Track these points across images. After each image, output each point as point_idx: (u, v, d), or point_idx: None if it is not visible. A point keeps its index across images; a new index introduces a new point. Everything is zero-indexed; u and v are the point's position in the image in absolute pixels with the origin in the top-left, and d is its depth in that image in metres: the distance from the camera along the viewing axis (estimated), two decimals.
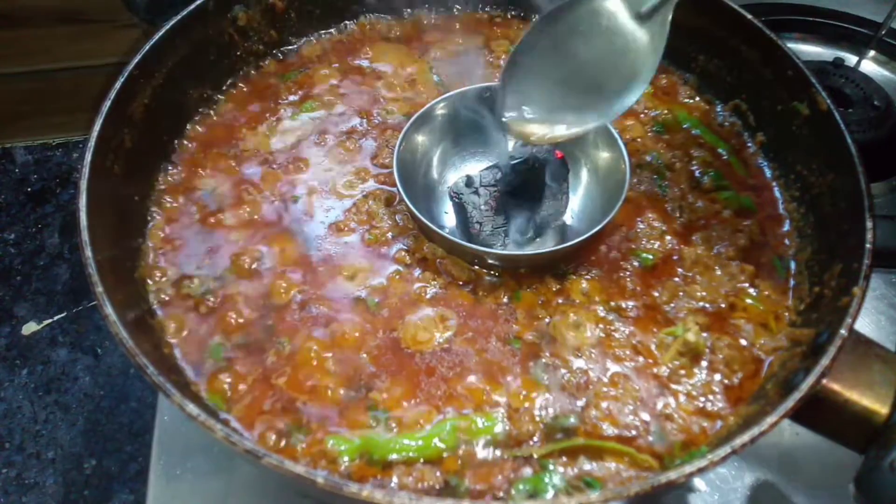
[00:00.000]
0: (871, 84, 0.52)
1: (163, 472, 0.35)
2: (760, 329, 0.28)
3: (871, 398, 0.23)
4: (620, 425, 0.25)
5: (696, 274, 0.30)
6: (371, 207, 0.32)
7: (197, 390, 0.28)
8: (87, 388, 0.54)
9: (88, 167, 0.28)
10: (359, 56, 0.38)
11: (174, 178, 0.33)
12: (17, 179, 0.66)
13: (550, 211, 0.31)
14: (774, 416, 0.23)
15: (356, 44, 0.39)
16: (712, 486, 0.30)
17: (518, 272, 0.30)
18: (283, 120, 0.36)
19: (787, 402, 0.23)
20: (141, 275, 0.30)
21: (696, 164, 0.34)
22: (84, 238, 0.27)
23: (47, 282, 0.60)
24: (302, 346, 0.28)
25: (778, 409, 0.23)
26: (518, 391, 0.27)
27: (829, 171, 0.31)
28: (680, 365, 0.26)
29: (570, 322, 0.28)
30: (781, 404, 0.23)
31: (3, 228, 0.63)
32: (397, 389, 0.27)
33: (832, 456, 0.24)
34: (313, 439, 0.26)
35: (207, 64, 0.35)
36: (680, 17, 0.28)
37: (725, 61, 0.36)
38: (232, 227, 0.31)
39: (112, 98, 0.30)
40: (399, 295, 0.29)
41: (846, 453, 0.23)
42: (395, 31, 0.39)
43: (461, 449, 0.25)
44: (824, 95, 0.32)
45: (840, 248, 0.28)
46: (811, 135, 0.32)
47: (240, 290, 0.30)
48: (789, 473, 0.31)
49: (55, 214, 0.64)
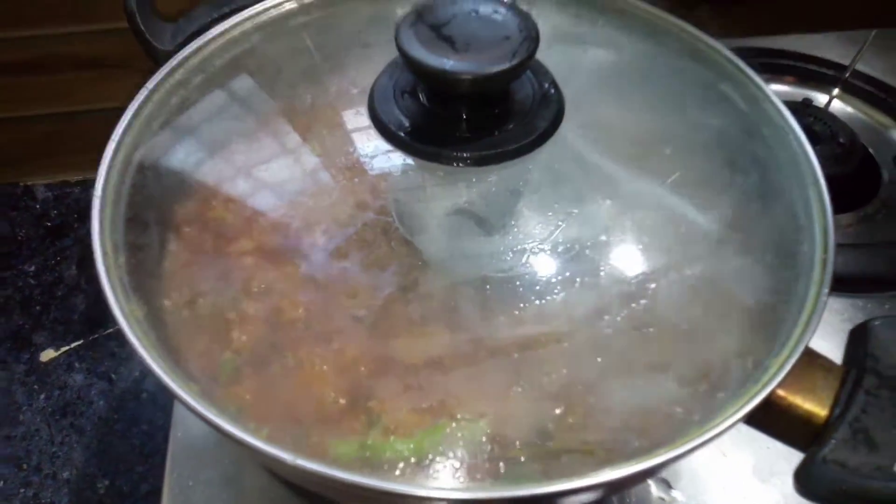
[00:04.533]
0: (837, 122, 0.56)
1: (176, 483, 0.37)
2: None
3: (812, 402, 0.26)
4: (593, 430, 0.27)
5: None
6: (370, 234, 0.35)
7: (212, 403, 0.30)
8: (101, 412, 0.56)
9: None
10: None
11: (188, 207, 0.37)
12: (38, 215, 0.69)
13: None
14: (731, 421, 0.25)
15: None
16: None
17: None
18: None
19: (743, 408, 0.26)
20: (158, 296, 0.33)
21: None
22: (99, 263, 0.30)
23: (65, 311, 0.62)
24: (306, 361, 0.31)
25: (735, 414, 0.26)
26: (506, 399, 0.29)
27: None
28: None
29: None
30: (738, 409, 0.26)
31: (24, 261, 0.66)
32: (393, 399, 0.30)
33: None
34: (317, 444, 0.29)
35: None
36: None
37: None
38: (243, 253, 0.34)
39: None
40: (396, 313, 0.32)
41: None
42: None
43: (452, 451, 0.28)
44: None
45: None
46: None
47: (249, 310, 0.33)
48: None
49: (73, 248, 0.67)
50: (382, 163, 0.32)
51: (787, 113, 0.35)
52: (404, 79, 0.31)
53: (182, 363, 0.30)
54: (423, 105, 0.31)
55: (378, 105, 0.32)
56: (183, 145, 0.35)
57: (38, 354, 0.59)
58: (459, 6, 0.28)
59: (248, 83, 0.37)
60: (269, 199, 0.37)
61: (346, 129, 0.34)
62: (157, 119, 0.35)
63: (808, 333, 0.27)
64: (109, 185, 0.32)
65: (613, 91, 0.35)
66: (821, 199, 0.32)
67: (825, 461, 0.24)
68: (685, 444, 0.24)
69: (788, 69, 0.61)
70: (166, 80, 0.36)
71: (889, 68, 0.61)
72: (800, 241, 0.31)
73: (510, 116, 0.30)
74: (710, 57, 0.37)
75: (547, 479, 0.24)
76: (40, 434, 0.55)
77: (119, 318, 0.28)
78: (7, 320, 0.62)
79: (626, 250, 0.30)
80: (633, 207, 0.30)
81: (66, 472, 0.53)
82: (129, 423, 0.56)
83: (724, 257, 0.31)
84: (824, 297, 0.28)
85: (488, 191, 0.30)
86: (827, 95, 0.59)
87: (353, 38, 0.38)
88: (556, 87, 0.32)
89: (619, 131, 0.33)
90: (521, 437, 0.26)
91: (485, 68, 0.27)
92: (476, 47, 0.27)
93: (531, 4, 0.38)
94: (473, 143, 0.30)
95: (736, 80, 0.36)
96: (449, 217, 0.31)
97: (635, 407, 0.26)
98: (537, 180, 0.31)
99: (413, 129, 0.31)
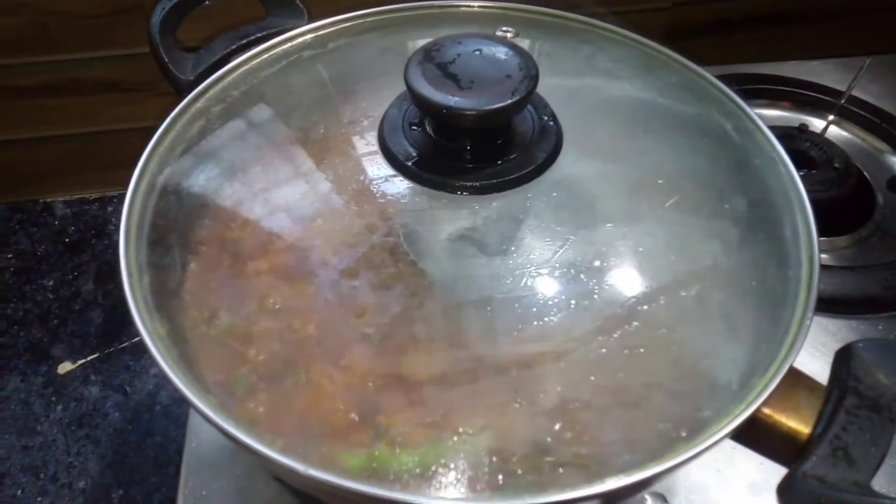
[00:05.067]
0: (832, 147, 0.57)
1: (191, 493, 0.39)
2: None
3: (796, 420, 0.27)
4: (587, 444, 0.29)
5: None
6: (378, 256, 0.37)
7: (229, 416, 0.32)
8: (116, 424, 0.58)
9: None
10: None
11: (207, 229, 0.39)
12: (56, 231, 0.71)
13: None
14: (717, 437, 0.27)
15: None
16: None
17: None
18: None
19: (729, 425, 0.27)
20: (179, 314, 0.35)
21: None
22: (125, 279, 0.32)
23: (82, 325, 0.64)
24: (316, 377, 0.33)
25: (721, 430, 0.27)
26: (506, 414, 0.31)
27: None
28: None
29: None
30: (724, 426, 0.27)
31: (43, 276, 0.68)
32: (399, 414, 0.31)
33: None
34: (327, 455, 0.30)
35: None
36: None
37: None
38: (259, 273, 0.36)
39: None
40: (402, 332, 0.34)
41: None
42: None
43: (454, 463, 0.29)
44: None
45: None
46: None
47: (264, 328, 0.34)
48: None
49: (91, 263, 0.69)
50: (391, 189, 0.34)
51: (777, 143, 0.36)
52: (412, 111, 0.33)
53: (201, 377, 0.31)
54: (429, 136, 0.33)
55: (387, 135, 0.34)
56: (203, 171, 0.37)
57: (56, 367, 0.61)
58: (464, 46, 0.30)
59: (265, 112, 0.39)
60: (283, 221, 0.38)
61: (356, 156, 0.36)
62: (179, 146, 0.37)
63: (793, 355, 0.28)
64: (134, 209, 0.34)
65: (610, 122, 0.37)
66: (807, 225, 0.33)
67: (805, 476, 0.25)
68: (674, 459, 0.26)
69: (786, 95, 0.63)
70: (188, 109, 0.38)
71: (884, 94, 0.62)
72: (787, 265, 0.32)
73: (511, 147, 0.32)
74: (702, 88, 0.39)
75: (543, 491, 0.26)
76: (57, 444, 0.56)
77: (143, 335, 0.30)
78: (26, 333, 0.64)
79: (620, 275, 0.31)
80: (627, 234, 0.32)
81: (82, 482, 0.54)
82: (144, 435, 0.57)
83: (715, 282, 0.32)
84: (808, 320, 0.29)
85: (490, 217, 0.32)
86: (823, 121, 0.61)
87: (365, 71, 0.40)
88: (555, 120, 0.33)
89: (614, 161, 0.35)
90: (519, 451, 0.27)
91: (487, 105, 0.29)
92: (479, 85, 0.29)
93: (531, 38, 0.40)
94: (476, 172, 0.32)
95: (728, 112, 0.38)
96: (453, 241, 0.32)
97: (627, 423, 0.28)
98: (536, 208, 0.32)
99: (420, 158, 0.33)
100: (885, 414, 0.27)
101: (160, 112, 0.37)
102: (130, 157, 0.35)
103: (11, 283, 0.65)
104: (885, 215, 0.55)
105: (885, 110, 0.60)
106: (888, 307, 0.49)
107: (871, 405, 0.27)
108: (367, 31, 0.42)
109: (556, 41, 0.40)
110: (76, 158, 0.70)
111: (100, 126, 0.68)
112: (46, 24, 0.59)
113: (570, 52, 0.40)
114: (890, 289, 0.48)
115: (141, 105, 0.66)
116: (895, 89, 0.63)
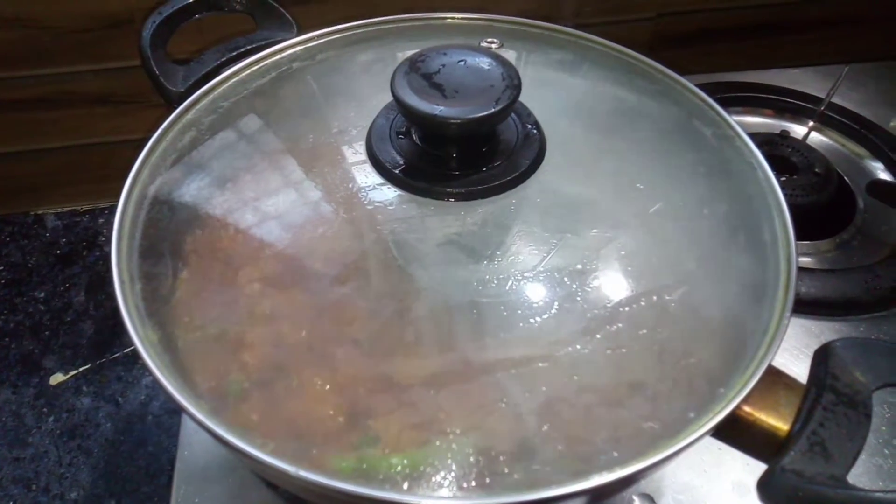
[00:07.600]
0: (813, 153, 0.58)
1: (183, 501, 0.39)
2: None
3: (775, 417, 0.28)
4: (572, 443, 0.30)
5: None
6: (367, 263, 0.38)
7: (221, 420, 0.32)
8: (108, 434, 0.58)
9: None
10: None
11: (198, 238, 0.39)
12: (47, 243, 0.71)
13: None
14: (698, 434, 0.28)
15: None
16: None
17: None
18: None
19: (710, 423, 0.28)
20: (171, 321, 0.35)
21: None
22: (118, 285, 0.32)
23: (73, 336, 0.64)
24: (307, 381, 0.33)
25: (702, 428, 0.28)
26: (492, 415, 0.31)
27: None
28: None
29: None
30: (705, 424, 0.28)
31: (34, 288, 0.68)
32: (388, 416, 0.32)
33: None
34: (318, 458, 0.31)
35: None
36: None
37: None
38: (250, 281, 0.37)
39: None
40: (391, 336, 0.34)
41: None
42: None
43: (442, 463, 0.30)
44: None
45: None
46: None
47: (255, 334, 0.35)
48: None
49: (82, 275, 0.69)
50: (379, 197, 0.34)
51: (756, 149, 0.37)
52: (399, 120, 0.34)
53: (193, 384, 0.32)
54: (416, 144, 0.34)
55: (375, 144, 0.34)
56: (194, 180, 0.37)
57: (47, 378, 0.61)
58: (449, 57, 0.31)
59: (255, 122, 0.39)
60: (273, 230, 0.39)
61: (345, 165, 0.36)
62: (170, 156, 0.37)
63: (771, 354, 0.29)
64: (126, 219, 0.34)
65: (593, 130, 0.38)
66: (785, 228, 0.34)
67: (784, 471, 0.26)
68: (657, 455, 0.26)
69: (768, 102, 0.64)
70: (178, 120, 0.38)
71: (863, 101, 0.63)
72: (766, 267, 0.33)
73: (496, 155, 0.33)
74: (683, 96, 0.40)
75: (529, 489, 0.26)
76: (49, 456, 0.56)
77: (136, 342, 0.31)
78: (18, 345, 0.64)
79: (602, 278, 0.32)
80: (609, 238, 0.33)
81: (74, 493, 0.54)
82: (136, 445, 0.57)
83: (695, 284, 0.33)
84: (786, 319, 0.30)
85: (476, 223, 0.33)
86: (804, 127, 0.62)
87: (353, 82, 0.40)
88: (538, 128, 0.34)
89: (596, 168, 0.36)
90: (506, 450, 0.28)
91: (471, 114, 0.30)
92: (463, 94, 0.30)
93: (516, 49, 0.41)
94: (462, 179, 0.33)
95: (708, 119, 0.39)
96: (440, 247, 0.33)
97: (611, 422, 0.28)
98: (521, 213, 0.33)
99: (407, 166, 0.33)
100: (860, 410, 0.27)
101: (152, 124, 0.38)
102: (122, 169, 0.36)
103: (2, 295, 0.65)
104: (866, 219, 0.56)
105: (864, 116, 0.61)
106: (869, 309, 0.50)
107: (847, 402, 0.28)
108: (355, 43, 0.43)
109: (539, 52, 0.41)
110: (68, 171, 0.70)
111: (92, 138, 0.68)
112: (40, 38, 0.60)
113: (554, 62, 0.40)
114: (871, 291, 0.49)
115: (133, 117, 0.66)
116: (874, 96, 0.64)
